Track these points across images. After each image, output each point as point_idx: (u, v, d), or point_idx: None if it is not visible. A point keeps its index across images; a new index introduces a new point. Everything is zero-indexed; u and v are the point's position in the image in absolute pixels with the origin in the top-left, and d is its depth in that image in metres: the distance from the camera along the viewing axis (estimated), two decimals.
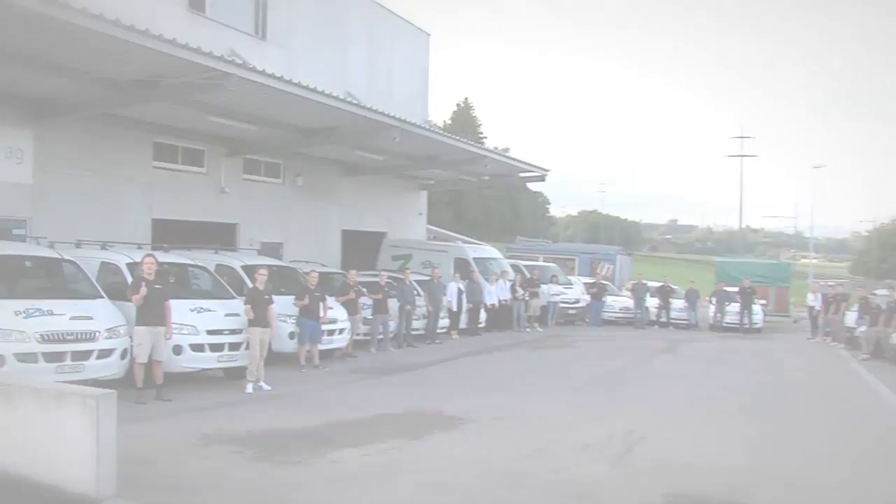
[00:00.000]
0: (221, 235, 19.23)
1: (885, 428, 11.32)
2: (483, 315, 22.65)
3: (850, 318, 24.31)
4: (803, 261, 77.10)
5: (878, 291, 23.81)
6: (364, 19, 26.06)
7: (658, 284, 29.62)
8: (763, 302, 31.20)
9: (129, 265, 12.21)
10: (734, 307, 28.31)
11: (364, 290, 17.62)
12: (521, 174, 27.76)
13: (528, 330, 24.39)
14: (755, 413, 11.72)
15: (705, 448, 9.03)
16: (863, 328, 22.02)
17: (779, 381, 15.73)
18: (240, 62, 14.25)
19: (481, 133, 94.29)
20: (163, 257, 12.73)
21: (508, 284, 23.91)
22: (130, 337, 10.80)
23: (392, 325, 18.19)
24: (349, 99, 17.98)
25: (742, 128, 64.54)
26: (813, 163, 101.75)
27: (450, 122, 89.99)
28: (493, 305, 23.04)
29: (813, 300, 29.07)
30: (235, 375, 12.40)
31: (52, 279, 11.98)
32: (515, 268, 26.09)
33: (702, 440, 9.48)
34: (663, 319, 28.76)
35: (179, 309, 11.62)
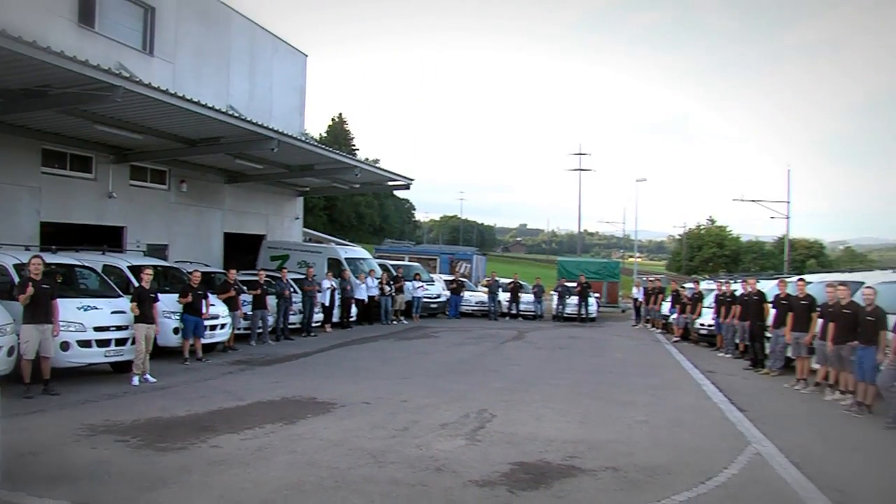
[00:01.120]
0: (109, 238, 18.32)
1: (690, 396, 12.00)
2: (354, 310, 22.57)
3: (666, 307, 25.80)
4: (629, 259, 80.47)
5: (686, 285, 25.18)
6: (246, 39, 25.53)
7: (509, 281, 30.38)
8: (597, 295, 32.51)
9: (16, 266, 11.48)
10: (573, 300, 29.38)
11: (244, 287, 17.25)
12: (389, 183, 27.75)
13: (394, 322, 24.48)
14: (589, 390, 12.11)
15: (547, 422, 9.29)
16: (674, 316, 23.36)
17: (610, 362, 16.39)
18: (127, 75, 13.61)
19: (354, 145, 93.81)
20: (50, 258, 12.12)
21: (376, 282, 23.90)
22: (17, 335, 10.18)
23: (270, 319, 17.85)
24: (231, 112, 17.48)
25: (580, 146, 66.73)
26: (637, 177, 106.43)
27: (325, 134, 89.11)
28: (363, 301, 22.99)
29: (637, 293, 30.55)
30: (122, 369, 11.88)
31: None
32: (383, 267, 26.08)
33: (544, 416, 9.74)
34: (514, 311, 29.44)
35: (67, 307, 11.05)
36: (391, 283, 24.61)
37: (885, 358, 10.09)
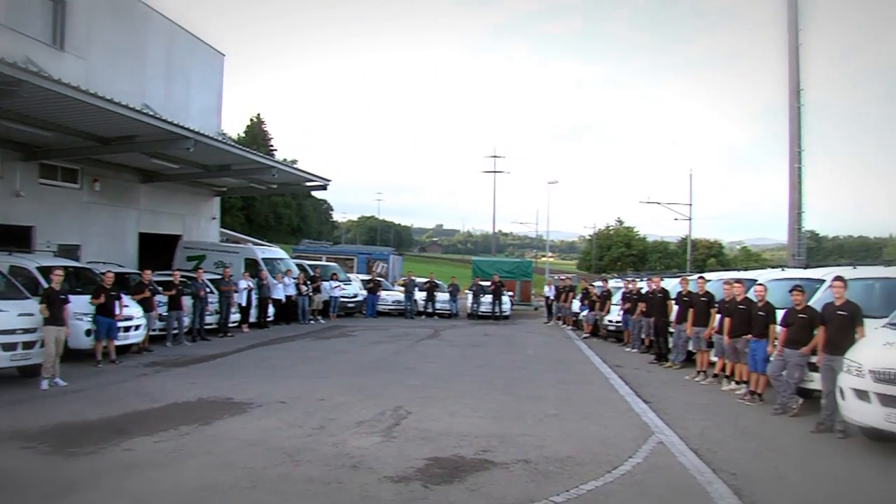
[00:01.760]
0: (17, 238, 17.33)
1: (598, 389, 12.28)
2: (271, 310, 22.21)
3: (576, 305, 26.32)
4: (542, 259, 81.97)
5: (596, 283, 25.78)
6: (163, 37, 24.73)
7: (425, 280, 30.46)
8: (510, 293, 32.92)
9: None
10: (487, 298, 29.66)
11: (159, 288, 16.72)
12: (307, 183, 27.37)
13: (311, 322, 24.17)
14: (502, 385, 12.23)
15: (461, 418, 9.34)
16: (584, 313, 23.88)
17: (522, 359, 16.59)
18: (34, 70, 12.99)
19: (272, 146, 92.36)
20: None
21: (293, 282, 23.57)
22: None
23: (186, 320, 17.34)
24: (146, 110, 16.93)
25: (495, 148, 67.38)
26: (549, 179, 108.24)
27: (243, 134, 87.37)
28: (280, 301, 22.63)
29: (548, 291, 31.14)
30: (30, 373, 11.26)
31: None
32: (300, 267, 25.82)
33: (458, 411, 9.78)
34: (430, 310, 29.54)
35: None
36: (308, 282, 24.33)
37: (774, 350, 10.62)
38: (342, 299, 27.14)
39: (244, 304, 20.55)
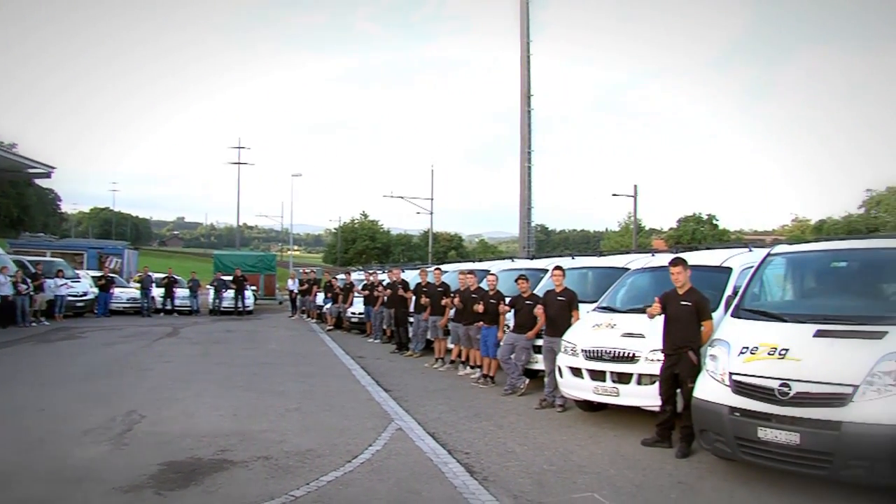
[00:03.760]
0: None
1: (341, 380, 12.35)
2: None
3: (320, 298, 26.34)
4: (288, 252, 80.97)
5: (339, 276, 26.00)
6: None
7: (163, 276, 28.79)
8: (254, 288, 32.20)
9: None
10: (230, 293, 28.71)
11: None
12: (28, 170, 24.51)
13: (34, 324, 21.65)
14: (243, 382, 11.84)
15: (199, 419, 8.85)
16: (328, 305, 23.96)
17: (265, 354, 16.19)
18: None
19: None
20: None
21: (10, 280, 20.91)
22: None
23: None
24: None
25: (240, 139, 65.09)
26: (293, 171, 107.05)
27: None
28: None
29: (292, 285, 30.85)
30: None
31: None
32: (19, 263, 23.01)
33: (197, 412, 9.28)
34: (168, 307, 27.96)
35: None
36: (28, 280, 21.71)
37: (503, 335, 11.38)
38: (70, 298, 24.61)
39: None
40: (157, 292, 28.03)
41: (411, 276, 17.77)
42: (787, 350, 6.10)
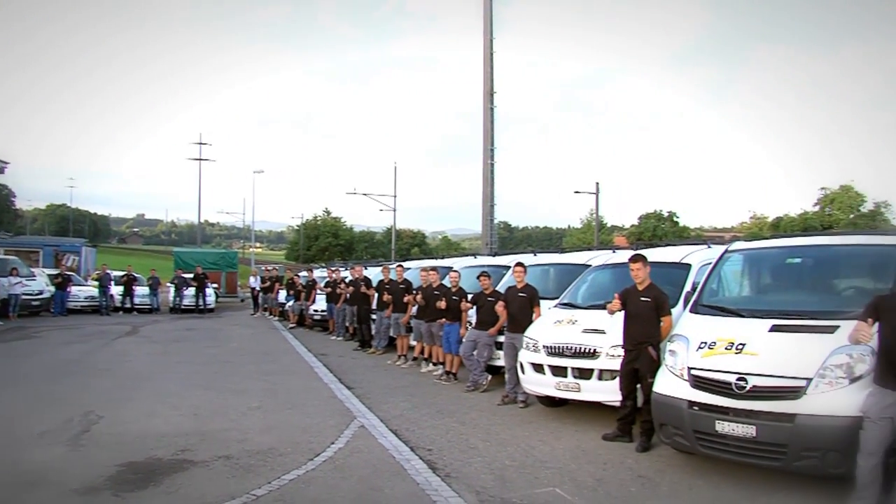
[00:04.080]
0: None
1: (303, 378, 12.26)
2: None
3: (282, 295, 26.14)
4: (250, 250, 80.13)
5: (302, 273, 25.83)
6: None
7: (122, 273, 28.26)
8: (215, 285, 31.81)
9: None
10: (191, 291, 28.34)
11: None
12: None
13: None
14: (204, 381, 11.69)
15: (159, 418, 8.71)
16: (290, 303, 23.79)
17: (226, 352, 16.02)
18: None
19: None
20: None
21: None
22: None
23: None
24: None
25: (201, 135, 63.84)
26: (255, 168, 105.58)
27: None
28: None
29: (254, 282, 30.57)
30: None
31: None
32: None
33: (156, 411, 9.12)
34: (128, 305, 27.43)
35: None
36: None
37: (466, 332, 11.40)
38: (25, 297, 23.96)
39: None
40: (117, 290, 27.43)
41: (374, 273, 17.70)
42: (744, 345, 6.21)
